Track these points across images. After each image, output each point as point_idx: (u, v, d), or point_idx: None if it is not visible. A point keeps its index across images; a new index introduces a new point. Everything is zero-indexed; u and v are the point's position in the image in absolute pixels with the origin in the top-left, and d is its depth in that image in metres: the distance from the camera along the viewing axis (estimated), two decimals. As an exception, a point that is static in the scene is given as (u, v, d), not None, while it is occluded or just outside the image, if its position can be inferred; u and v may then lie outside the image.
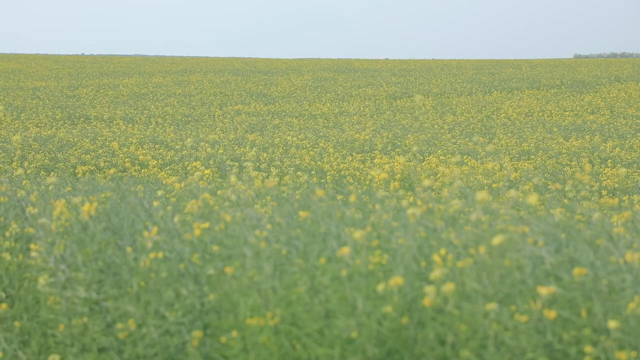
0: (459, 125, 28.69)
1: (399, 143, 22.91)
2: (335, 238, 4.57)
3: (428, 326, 4.02)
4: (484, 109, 34.77)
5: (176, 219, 4.56)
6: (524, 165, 18.24)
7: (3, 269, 4.72)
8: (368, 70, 61.20)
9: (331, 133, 25.49)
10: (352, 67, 65.57)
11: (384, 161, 18.50)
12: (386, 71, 60.26)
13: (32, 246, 4.54)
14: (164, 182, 11.25)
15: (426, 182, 4.61)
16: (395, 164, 16.94)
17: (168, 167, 17.65)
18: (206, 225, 4.60)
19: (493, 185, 14.38)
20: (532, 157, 20.31)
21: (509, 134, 25.23)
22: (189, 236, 4.55)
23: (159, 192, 6.19)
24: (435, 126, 28.28)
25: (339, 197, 7.17)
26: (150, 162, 18.06)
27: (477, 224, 4.22)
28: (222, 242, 4.60)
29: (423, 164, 18.58)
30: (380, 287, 4.02)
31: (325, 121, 31.16)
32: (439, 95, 42.03)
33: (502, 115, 32.40)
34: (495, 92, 43.70)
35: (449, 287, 3.82)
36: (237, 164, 12.79)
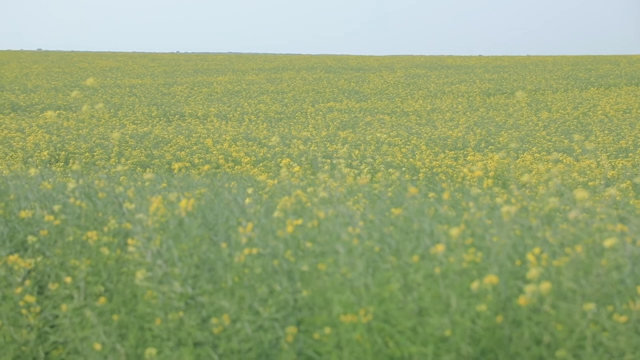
0: (554, 122, 28.25)
1: (492, 140, 22.67)
2: (428, 236, 4.54)
3: (523, 325, 3.97)
4: (580, 105, 34.17)
5: (275, 214, 4.59)
6: (622, 163, 17.87)
7: (102, 264, 4.81)
8: (461, 67, 60.67)
9: (423, 130, 25.35)
10: (445, 64, 65.10)
11: (477, 158, 18.33)
12: (480, 68, 59.65)
13: (129, 241, 4.63)
14: (257, 178, 11.34)
15: (524, 178, 4.55)
16: (489, 162, 16.76)
17: (261, 164, 17.79)
18: (299, 222, 4.62)
19: (589, 184, 14.12)
20: (630, 154, 19.88)
21: (606, 131, 24.74)
22: (282, 233, 4.57)
23: (249, 190, 6.24)
24: (530, 123, 27.89)
25: (432, 194, 7.13)
26: (243, 159, 18.23)
27: (574, 223, 4.15)
28: (315, 239, 4.62)
29: (517, 161, 18.35)
30: (474, 286, 3.98)
31: (418, 118, 31.01)
32: (533, 92, 41.43)
33: (599, 112, 31.79)
34: (592, 88, 42.89)
35: (545, 286, 3.77)
36: (329, 161, 12.82)
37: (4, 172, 6.84)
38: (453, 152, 20.36)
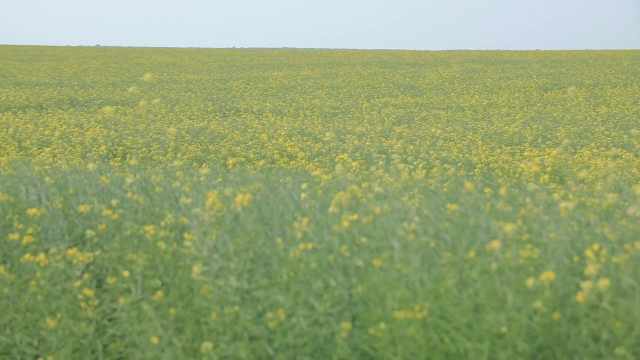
0: (613, 117, 27.90)
1: (549, 135, 22.45)
2: (484, 231, 4.51)
3: (581, 322, 3.92)
4: None
5: (330, 209, 4.59)
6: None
7: (159, 258, 4.85)
8: (518, 62, 60.15)
9: (479, 125, 25.19)
10: (501, 59, 64.61)
11: (534, 154, 18.17)
12: (537, 62, 59.09)
13: (185, 235, 4.66)
14: (312, 173, 11.35)
15: (581, 174, 4.50)
16: (546, 157, 16.61)
17: (316, 159, 17.81)
18: (354, 217, 4.62)
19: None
20: (692, 150, 19.58)
21: (667, 126, 24.37)
22: (337, 228, 4.57)
23: (304, 185, 6.25)
24: (588, 118, 27.59)
25: (488, 190, 7.08)
26: (298, 154, 18.27)
27: (633, 219, 4.10)
28: (370, 234, 4.61)
29: (575, 156, 18.16)
30: (531, 282, 3.95)
31: (474, 113, 30.83)
32: (592, 87, 40.95)
33: (661, 106, 31.34)
34: (651, 82, 42.28)
35: (604, 283, 3.72)
36: (384, 156, 12.78)
37: (63, 166, 6.92)
38: (509, 147, 20.21)
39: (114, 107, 29.55)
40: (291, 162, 17.59)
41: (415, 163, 14.87)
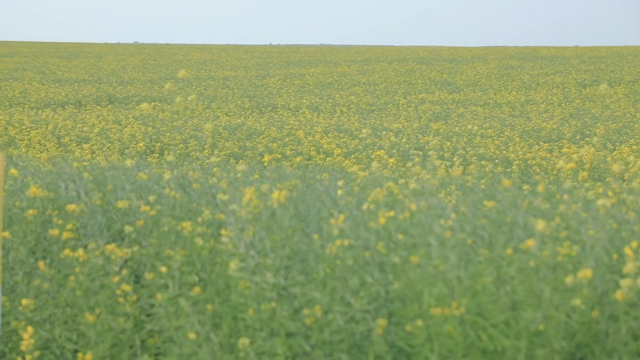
0: (653, 113, 27.61)
1: (588, 132, 22.26)
2: (521, 228, 4.49)
3: (620, 320, 3.89)
4: (680, 96, 33.33)
5: (367, 206, 4.59)
6: None
7: (196, 254, 4.88)
8: (556, 58, 59.68)
9: (517, 122, 25.03)
10: (539, 55, 64.12)
11: (572, 150, 18.03)
12: (575, 58, 58.59)
13: (223, 232, 4.68)
14: (348, 170, 11.35)
15: (614, 167, 4.46)
16: (584, 154, 16.48)
17: (352, 156, 17.80)
18: (391, 213, 4.61)
19: (689, 176, 13.76)
20: None
21: None
22: (374, 224, 4.57)
23: (339, 182, 6.25)
24: (628, 115, 27.31)
25: (526, 187, 7.04)
26: (334, 151, 18.27)
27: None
28: (406, 231, 4.60)
29: (614, 153, 18.00)
30: (569, 280, 3.92)
31: (511, 110, 30.64)
32: (631, 83, 40.51)
33: (702, 103, 30.97)
34: (693, 78, 41.78)
35: (642, 281, 3.69)
36: (420, 152, 12.75)
37: (102, 163, 6.98)
38: (547, 144, 20.06)
39: (152, 103, 29.72)
40: (327, 158, 17.59)
41: (452, 160, 14.81)
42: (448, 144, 18.89)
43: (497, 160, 16.88)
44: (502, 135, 21.47)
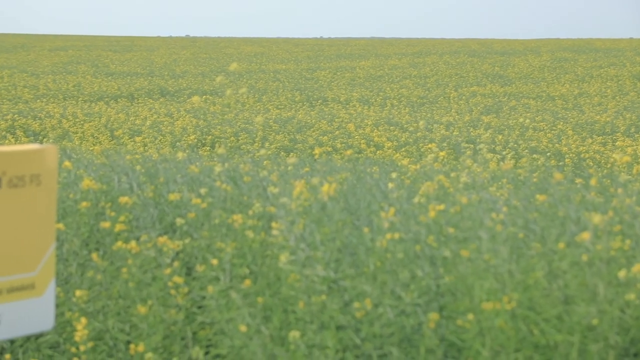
0: None
1: (643, 125, 21.98)
2: (574, 222, 4.44)
3: (675, 316, 3.84)
4: None
5: (417, 199, 4.58)
6: None
7: (247, 247, 4.90)
8: (610, 50, 58.91)
9: (570, 115, 24.78)
10: (593, 47, 63.37)
11: (626, 144, 17.80)
12: (630, 50, 57.78)
13: (273, 225, 4.69)
14: (399, 163, 11.33)
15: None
16: (639, 147, 16.26)
17: (403, 149, 17.75)
18: (442, 207, 4.59)
19: None
20: None
21: None
22: (424, 218, 4.56)
23: (393, 175, 6.24)
24: (684, 107, 26.91)
25: (579, 180, 6.97)
26: (385, 144, 18.23)
27: None
28: (457, 225, 4.58)
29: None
30: (623, 274, 3.88)
31: (564, 102, 30.34)
32: (690, 75, 39.90)
33: None
34: None
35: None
36: (471, 146, 12.67)
37: (154, 155, 7.04)
38: (601, 137, 19.84)
39: (203, 96, 29.87)
40: (378, 151, 17.56)
41: (503, 153, 14.69)
42: (500, 137, 18.76)
43: (549, 154, 16.73)
44: (554, 128, 21.27)
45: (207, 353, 4.51)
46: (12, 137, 19.40)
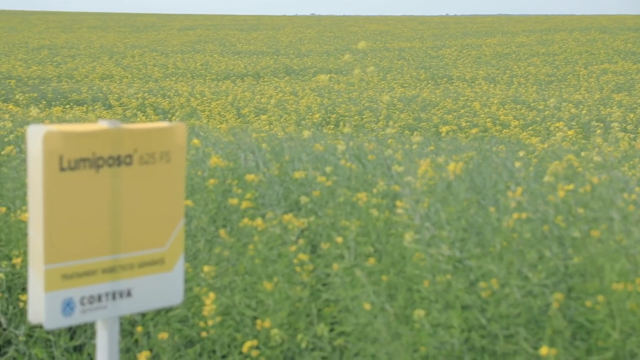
0: None
1: None
2: None
3: None
4: None
5: (545, 179, 4.49)
6: None
7: (371, 225, 4.90)
8: None
9: None
10: None
11: None
12: None
13: (397, 203, 4.67)
14: (526, 142, 11.14)
15: None
16: None
17: (530, 128, 17.45)
18: (571, 187, 4.49)
19: None
20: None
21: None
22: (552, 198, 4.46)
23: (520, 153, 6.14)
24: None
25: None
26: (511, 123, 17.96)
27: None
28: (587, 205, 4.47)
29: None
30: None
31: (700, 79, 29.27)
32: None
33: None
34: None
35: None
36: (601, 124, 12.36)
37: (279, 134, 7.10)
38: None
39: (328, 75, 29.98)
40: (504, 130, 17.31)
41: (636, 132, 14.29)
42: (631, 115, 18.24)
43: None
44: (689, 106, 20.57)
45: (331, 330, 4.54)
46: (143, 115, 19.87)
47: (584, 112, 19.27)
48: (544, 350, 3.65)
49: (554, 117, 18.33)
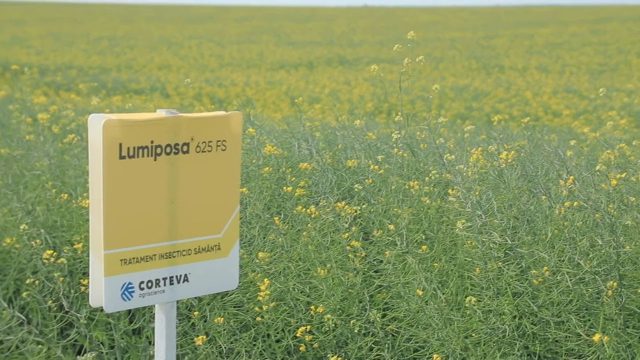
0: None
1: None
2: None
3: None
4: None
5: (597, 167, 4.50)
6: None
7: (423, 213, 4.94)
8: None
9: None
10: None
11: None
12: None
13: (449, 191, 4.72)
14: (577, 131, 11.08)
15: None
16: None
17: (581, 117, 17.32)
18: (623, 175, 4.51)
19: None
20: None
21: None
22: (604, 186, 4.48)
23: (572, 142, 6.14)
24: None
25: None
26: (563, 112, 17.83)
27: None
28: (639, 193, 4.49)
29: None
30: None
31: None
32: None
33: None
34: None
35: None
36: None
37: (332, 123, 7.16)
38: None
39: (380, 64, 29.95)
40: (555, 119, 17.20)
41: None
42: (686, 105, 18.01)
43: None
44: None
45: (384, 316, 4.60)
46: (200, 104, 20.04)
47: (636, 101, 19.07)
48: (596, 337, 3.68)
49: (606, 106, 18.17)
